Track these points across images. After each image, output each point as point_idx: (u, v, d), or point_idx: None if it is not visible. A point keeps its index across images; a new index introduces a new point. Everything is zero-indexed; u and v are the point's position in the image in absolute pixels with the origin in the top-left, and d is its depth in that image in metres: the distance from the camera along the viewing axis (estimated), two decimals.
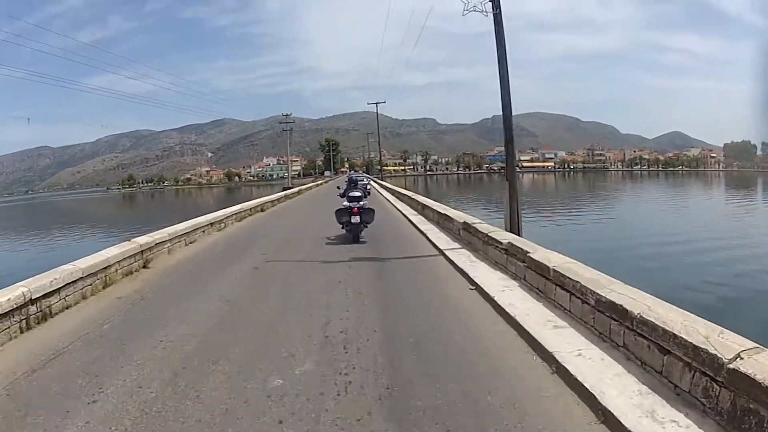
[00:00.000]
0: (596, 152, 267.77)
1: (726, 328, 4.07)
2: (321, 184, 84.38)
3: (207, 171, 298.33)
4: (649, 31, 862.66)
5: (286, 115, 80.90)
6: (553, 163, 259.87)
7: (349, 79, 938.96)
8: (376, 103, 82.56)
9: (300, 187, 60.18)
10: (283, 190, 49.73)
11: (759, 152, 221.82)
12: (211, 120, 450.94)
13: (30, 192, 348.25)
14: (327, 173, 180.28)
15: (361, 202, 15.16)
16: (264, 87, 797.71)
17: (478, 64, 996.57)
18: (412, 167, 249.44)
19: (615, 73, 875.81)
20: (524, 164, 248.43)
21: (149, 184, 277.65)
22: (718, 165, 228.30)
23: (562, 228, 35.77)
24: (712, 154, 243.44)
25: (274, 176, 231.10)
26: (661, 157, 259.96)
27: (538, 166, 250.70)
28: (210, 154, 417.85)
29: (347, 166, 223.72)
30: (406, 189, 41.29)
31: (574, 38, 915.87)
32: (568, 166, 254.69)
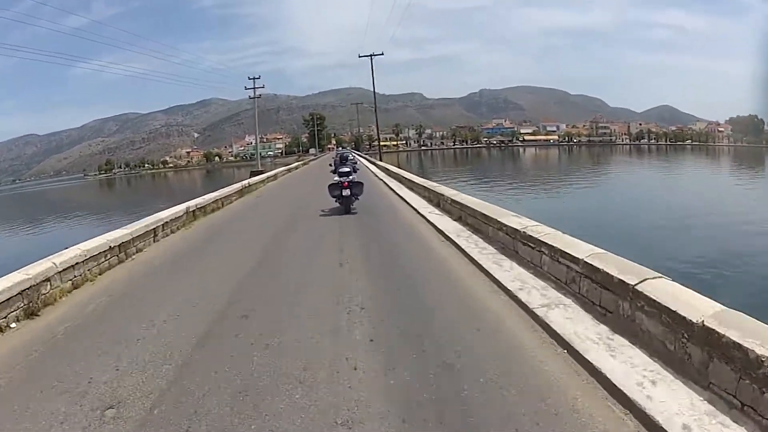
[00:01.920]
0: (600, 125, 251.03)
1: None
2: (306, 163, 71.70)
3: (188, 152, 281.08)
4: (637, 6, 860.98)
5: (254, 78, 67.07)
6: (556, 137, 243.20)
7: (335, 58, 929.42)
8: (371, 56, 65.54)
9: (277, 170, 47.30)
10: (250, 176, 39.16)
11: (767, 127, 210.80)
12: (198, 100, 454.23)
13: (18, 181, 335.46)
14: (312, 151, 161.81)
15: (351, 177, 16.86)
16: (249, 66, 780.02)
17: (464, 40, 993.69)
18: (404, 142, 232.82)
19: (603, 48, 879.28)
20: (526, 137, 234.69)
21: (125, 169, 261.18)
22: (728, 140, 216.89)
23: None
24: (720, 129, 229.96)
25: (256, 155, 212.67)
26: (667, 130, 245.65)
27: (541, 140, 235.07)
28: (196, 135, 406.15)
29: (334, 142, 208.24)
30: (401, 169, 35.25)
31: (562, 13, 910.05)
32: (572, 139, 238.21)
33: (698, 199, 37.82)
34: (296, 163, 74.57)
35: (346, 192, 16.25)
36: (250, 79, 67.33)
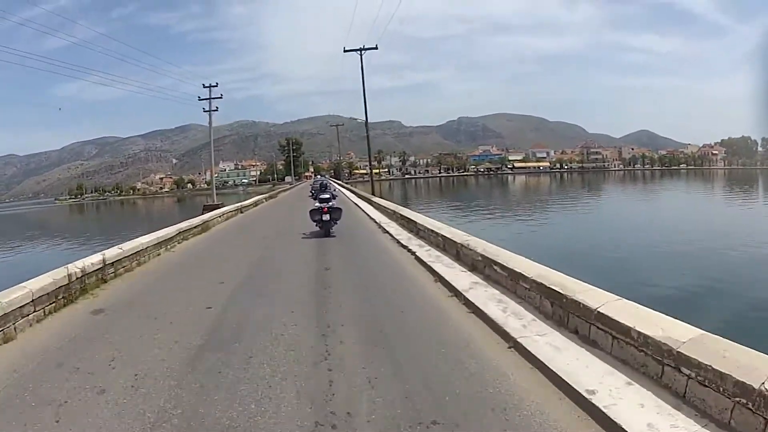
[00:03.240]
0: (592, 150, 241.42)
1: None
2: (273, 196, 57.48)
3: (161, 178, 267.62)
4: (612, 31, 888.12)
5: (210, 86, 56.87)
6: (548, 163, 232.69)
7: (313, 85, 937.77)
8: (360, 50, 50.23)
9: (241, 204, 34.83)
10: (203, 210, 32.54)
11: (760, 148, 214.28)
12: (177, 126, 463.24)
13: None
14: (288, 179, 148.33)
15: (330, 203, 18.03)
16: (228, 92, 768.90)
17: (440, 67, 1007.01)
18: (387, 170, 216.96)
19: (579, 73, 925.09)
20: (516, 164, 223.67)
21: (93, 194, 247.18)
22: (724, 162, 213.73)
23: None
24: (714, 151, 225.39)
25: (229, 183, 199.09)
26: (653, 154, 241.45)
27: (531, 167, 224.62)
28: (175, 161, 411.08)
29: (312, 170, 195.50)
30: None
31: (537, 40, 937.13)
32: (563, 166, 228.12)
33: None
34: (258, 197, 63.50)
35: (326, 217, 17.49)
36: (205, 87, 56.48)
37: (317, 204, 17.83)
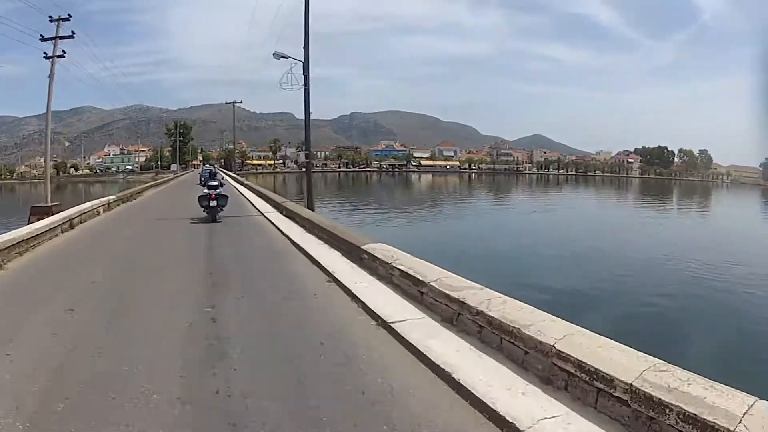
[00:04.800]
0: (502, 151, 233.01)
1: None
2: (151, 187, 44.69)
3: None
4: (516, 39, 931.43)
5: (59, 19, 39.32)
6: (458, 163, 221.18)
7: (211, 73, 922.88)
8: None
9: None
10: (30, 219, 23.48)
11: (677, 159, 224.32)
12: (71, 107, 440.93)
13: None
14: (174, 167, 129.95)
15: (218, 190, 18.96)
16: (127, 76, 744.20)
17: (340, 63, 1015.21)
18: (281, 162, 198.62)
19: (480, 77, 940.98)
20: (422, 162, 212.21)
21: None
22: (640, 171, 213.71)
23: None
24: (629, 159, 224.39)
25: (113, 169, 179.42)
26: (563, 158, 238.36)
27: (439, 165, 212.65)
28: (67, 143, 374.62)
29: (201, 158, 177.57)
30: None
31: (442, 42, 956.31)
32: (476, 166, 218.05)
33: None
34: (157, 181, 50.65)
35: (213, 203, 18.30)
36: (52, 21, 39.16)
37: (206, 190, 18.96)
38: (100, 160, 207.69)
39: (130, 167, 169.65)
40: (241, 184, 48.47)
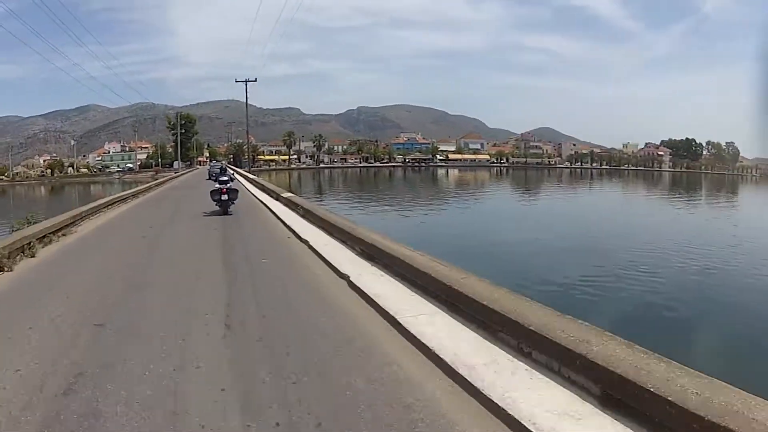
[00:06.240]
0: (531, 144, 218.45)
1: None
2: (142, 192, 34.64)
3: (45, 161, 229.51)
4: (515, 32, 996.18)
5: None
6: (488, 156, 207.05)
7: (215, 70, 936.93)
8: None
9: None
10: None
11: (705, 152, 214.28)
12: (77, 106, 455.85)
13: None
14: (176, 164, 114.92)
15: (228, 185, 19.55)
16: (131, 74, 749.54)
17: (341, 57, 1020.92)
18: (296, 156, 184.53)
19: (482, 70, 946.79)
20: (450, 156, 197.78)
21: None
22: (671, 165, 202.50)
23: None
24: (659, 152, 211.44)
25: (113, 167, 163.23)
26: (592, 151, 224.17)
27: (468, 159, 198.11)
28: (73, 142, 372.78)
29: (207, 154, 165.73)
30: None
31: (441, 36, 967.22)
32: (506, 159, 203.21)
33: None
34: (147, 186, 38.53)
35: (225, 197, 18.97)
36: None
37: (217, 185, 19.54)
38: (99, 158, 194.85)
39: (130, 165, 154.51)
40: (262, 188, 34.06)
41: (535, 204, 60.73)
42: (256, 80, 72.46)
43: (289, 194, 23.45)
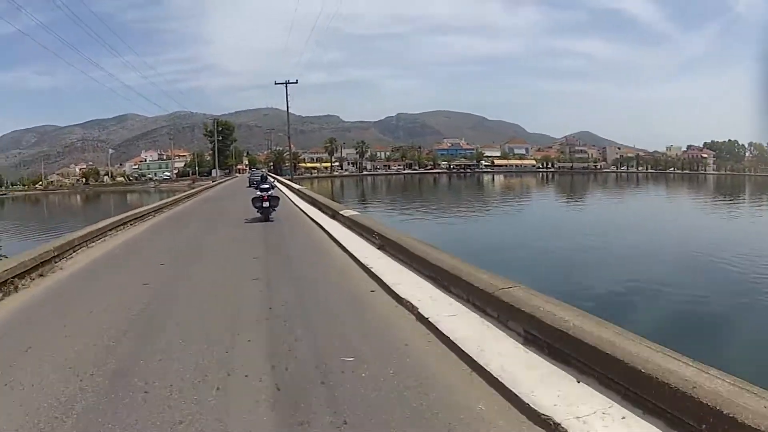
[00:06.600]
0: (576, 148, 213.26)
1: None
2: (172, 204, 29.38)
3: (80, 169, 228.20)
4: (551, 36, 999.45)
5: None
6: (533, 161, 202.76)
7: (253, 78, 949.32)
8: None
9: None
10: None
11: (748, 153, 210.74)
12: (115, 115, 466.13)
13: None
14: (214, 172, 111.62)
15: (269, 192, 19.86)
16: (169, 83, 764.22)
17: (379, 65, 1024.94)
18: (338, 163, 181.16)
19: (520, 74, 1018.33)
20: (495, 161, 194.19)
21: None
22: (716, 167, 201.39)
23: None
24: (703, 155, 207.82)
25: (149, 175, 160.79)
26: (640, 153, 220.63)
27: (513, 165, 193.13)
28: (111, 151, 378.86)
29: (246, 162, 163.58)
30: None
31: (478, 42, 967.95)
32: (551, 164, 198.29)
33: None
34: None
35: (266, 204, 19.29)
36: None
37: (258, 193, 19.76)
38: (135, 166, 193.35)
39: (168, 174, 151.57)
40: (311, 202, 26.51)
41: (615, 210, 57.01)
42: (297, 81, 73.26)
43: (350, 212, 17.28)
